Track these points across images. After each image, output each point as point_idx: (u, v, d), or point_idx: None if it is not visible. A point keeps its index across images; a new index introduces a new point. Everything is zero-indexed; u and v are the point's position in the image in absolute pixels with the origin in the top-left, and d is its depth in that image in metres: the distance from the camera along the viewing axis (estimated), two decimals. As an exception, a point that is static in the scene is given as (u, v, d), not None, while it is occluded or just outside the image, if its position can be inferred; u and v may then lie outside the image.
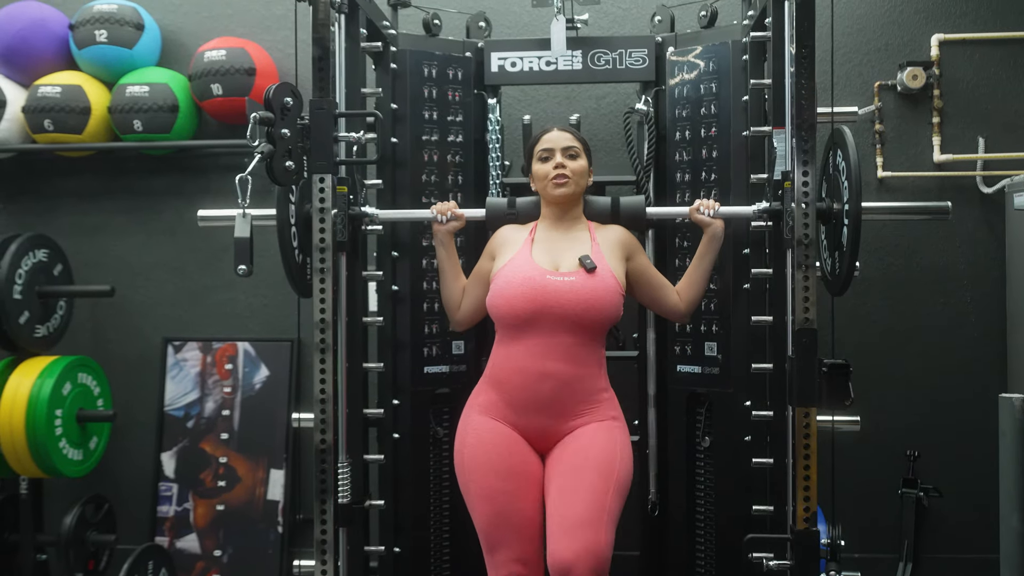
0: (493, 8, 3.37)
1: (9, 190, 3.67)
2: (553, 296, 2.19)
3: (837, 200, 2.29)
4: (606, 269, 2.27)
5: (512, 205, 2.53)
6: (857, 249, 2.17)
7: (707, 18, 2.89)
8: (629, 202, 2.54)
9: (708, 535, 2.82)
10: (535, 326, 2.20)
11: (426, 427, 2.84)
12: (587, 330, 2.22)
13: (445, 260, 2.48)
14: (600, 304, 2.21)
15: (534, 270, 2.25)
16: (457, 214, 2.46)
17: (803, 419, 2.13)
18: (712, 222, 2.41)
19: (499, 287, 2.26)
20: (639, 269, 2.41)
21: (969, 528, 3.31)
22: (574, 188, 2.36)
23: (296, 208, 2.36)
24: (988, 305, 3.34)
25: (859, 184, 2.15)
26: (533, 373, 2.21)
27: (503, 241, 2.42)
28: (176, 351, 3.59)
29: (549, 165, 2.35)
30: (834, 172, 2.32)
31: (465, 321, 2.49)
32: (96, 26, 3.35)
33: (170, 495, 3.51)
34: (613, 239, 2.39)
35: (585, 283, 2.22)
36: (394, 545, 2.78)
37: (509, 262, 2.30)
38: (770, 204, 2.40)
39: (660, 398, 2.85)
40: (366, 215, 2.49)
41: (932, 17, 3.38)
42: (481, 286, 2.40)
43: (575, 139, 2.39)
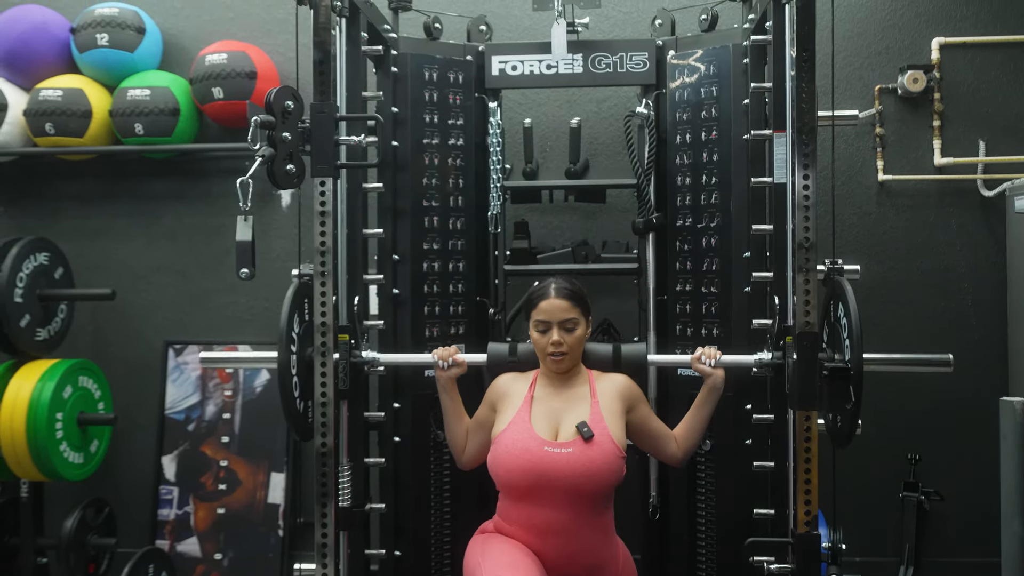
0: (494, 12, 3.38)
1: (10, 193, 3.68)
2: (551, 468, 2.18)
3: (838, 351, 2.23)
4: (604, 434, 2.23)
5: (513, 352, 2.48)
6: (860, 404, 2.10)
7: (708, 22, 2.90)
8: (630, 351, 2.49)
9: (709, 538, 2.81)
10: (534, 495, 2.20)
11: (427, 430, 2.84)
12: (587, 499, 2.20)
13: (448, 404, 2.45)
14: (599, 474, 2.19)
15: (532, 440, 2.22)
16: (459, 360, 2.44)
17: (804, 423, 2.12)
18: (713, 372, 2.38)
19: (498, 455, 2.25)
20: (640, 420, 2.38)
21: (970, 531, 3.31)
22: (572, 362, 2.35)
23: (297, 356, 2.30)
24: (989, 308, 3.34)
25: (860, 339, 2.09)
26: (538, 545, 2.21)
27: (504, 393, 2.39)
28: (177, 354, 3.59)
29: (546, 339, 2.31)
30: (835, 322, 2.27)
31: (471, 463, 2.48)
32: (97, 30, 3.36)
33: (171, 498, 3.51)
34: (614, 391, 2.35)
35: (583, 454, 2.19)
36: (395, 548, 2.78)
37: (509, 427, 2.28)
38: (772, 356, 2.37)
39: (661, 401, 2.85)
40: (367, 362, 2.45)
41: (932, 20, 3.38)
42: (482, 433, 2.40)
43: (572, 307, 2.33)
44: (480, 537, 2.33)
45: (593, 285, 2.72)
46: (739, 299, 2.70)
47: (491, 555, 2.20)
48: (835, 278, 2.27)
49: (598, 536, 2.25)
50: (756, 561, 2.30)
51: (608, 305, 3.25)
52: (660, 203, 2.89)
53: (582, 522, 2.21)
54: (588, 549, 2.23)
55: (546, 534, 2.20)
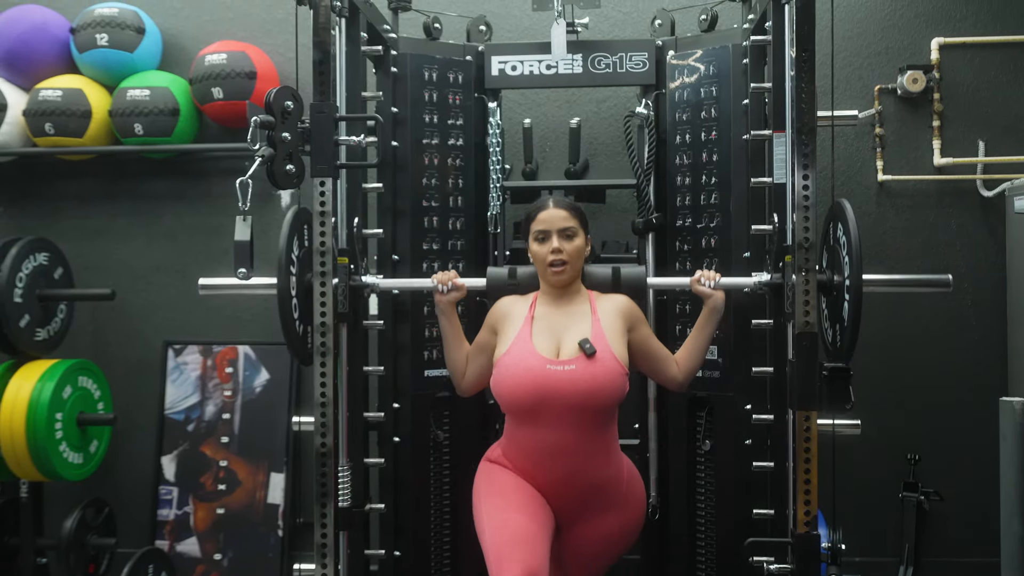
0: (494, 12, 3.38)
1: (10, 193, 3.68)
2: (554, 386, 2.18)
3: (838, 272, 2.25)
4: (607, 351, 2.23)
5: (513, 275, 2.49)
6: (859, 323, 2.13)
7: (707, 22, 2.90)
8: (630, 273, 2.50)
9: (709, 539, 2.81)
10: (538, 415, 2.20)
11: (426, 431, 2.84)
12: (592, 416, 2.21)
13: (447, 329, 2.45)
14: (602, 390, 2.20)
15: (534, 358, 2.23)
16: (458, 284, 2.44)
17: (804, 423, 2.13)
18: (713, 294, 2.38)
19: (501, 376, 2.26)
20: (640, 340, 2.38)
21: (970, 532, 3.31)
22: (572, 273, 2.34)
23: (297, 279, 2.32)
24: (988, 308, 3.34)
25: (859, 259, 2.12)
26: (544, 466, 2.23)
27: (504, 315, 2.39)
28: (176, 354, 3.59)
29: (546, 248, 2.32)
30: (835, 244, 2.29)
31: (471, 388, 2.48)
32: (97, 30, 3.36)
33: (170, 499, 3.51)
34: (615, 310, 2.35)
35: (586, 370, 2.19)
36: (394, 549, 2.78)
37: (510, 348, 2.28)
38: (771, 277, 2.38)
39: (660, 402, 2.85)
40: (367, 285, 2.46)
41: (932, 21, 3.38)
42: (483, 356, 2.40)
43: (571, 216, 2.35)
44: (485, 468, 2.34)
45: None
46: (739, 299, 2.70)
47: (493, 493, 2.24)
48: (837, 199, 2.30)
49: (601, 455, 2.25)
50: (756, 561, 2.30)
51: (608, 305, 3.25)
52: (660, 203, 2.89)
53: (585, 440, 2.21)
54: (592, 466, 2.23)
55: (550, 454, 2.21)
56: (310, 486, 2.42)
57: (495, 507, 2.20)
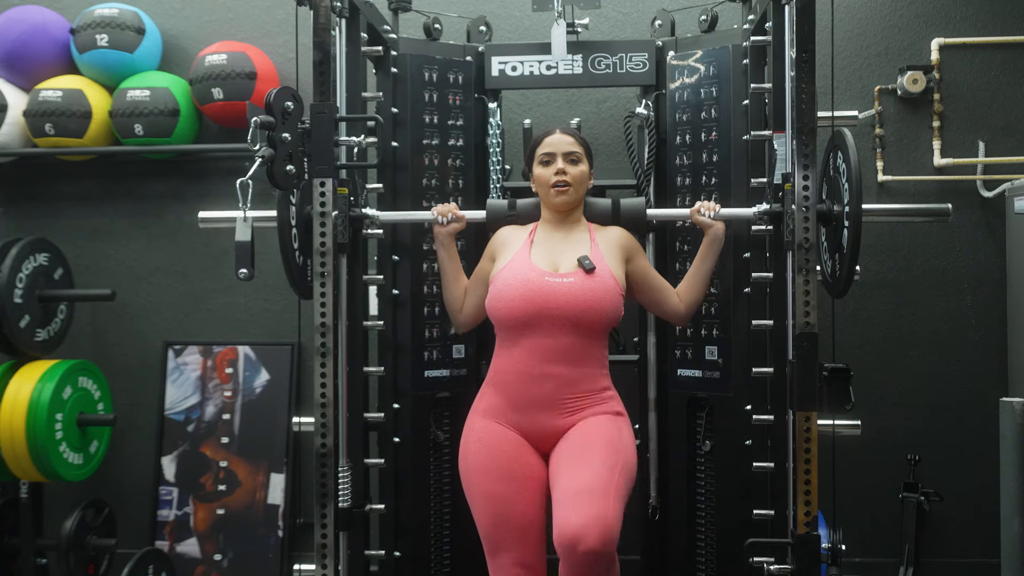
0: (494, 12, 3.38)
1: (10, 194, 3.68)
2: (551, 297, 2.19)
3: (837, 202, 2.29)
4: (605, 269, 2.27)
5: (512, 207, 2.53)
6: (858, 251, 2.16)
7: (707, 22, 2.90)
8: (630, 204, 2.54)
9: (709, 539, 2.81)
10: (534, 328, 2.20)
11: (426, 431, 2.84)
12: (587, 330, 2.22)
13: (446, 262, 2.48)
14: (599, 304, 2.21)
15: (532, 271, 2.25)
16: (458, 215, 2.46)
17: (804, 423, 2.13)
18: (713, 224, 2.41)
19: (497, 289, 2.27)
20: (639, 271, 2.41)
21: (970, 532, 3.31)
22: (575, 195, 2.36)
23: (297, 210, 2.36)
24: (988, 309, 3.34)
25: (859, 186, 2.15)
26: (534, 374, 2.21)
27: (503, 242, 2.42)
28: (177, 355, 3.59)
29: (550, 170, 2.34)
30: (834, 174, 2.31)
31: (468, 323, 2.50)
32: (97, 30, 3.36)
33: (170, 499, 3.51)
34: (613, 240, 2.39)
35: (584, 283, 2.22)
36: (395, 549, 2.78)
37: (508, 264, 2.31)
38: (770, 206, 2.41)
39: (660, 402, 2.85)
40: (367, 216, 2.50)
41: (932, 21, 3.38)
42: (483, 287, 2.41)
43: (577, 143, 2.39)
44: (475, 426, 2.30)
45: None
46: (739, 300, 2.70)
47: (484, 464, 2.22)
48: (836, 128, 2.32)
49: (594, 368, 2.26)
50: (756, 562, 2.30)
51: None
52: (660, 203, 2.89)
53: (579, 352, 2.21)
54: (583, 377, 2.23)
55: (544, 361, 2.20)
56: (310, 487, 2.42)
57: (485, 487, 2.18)
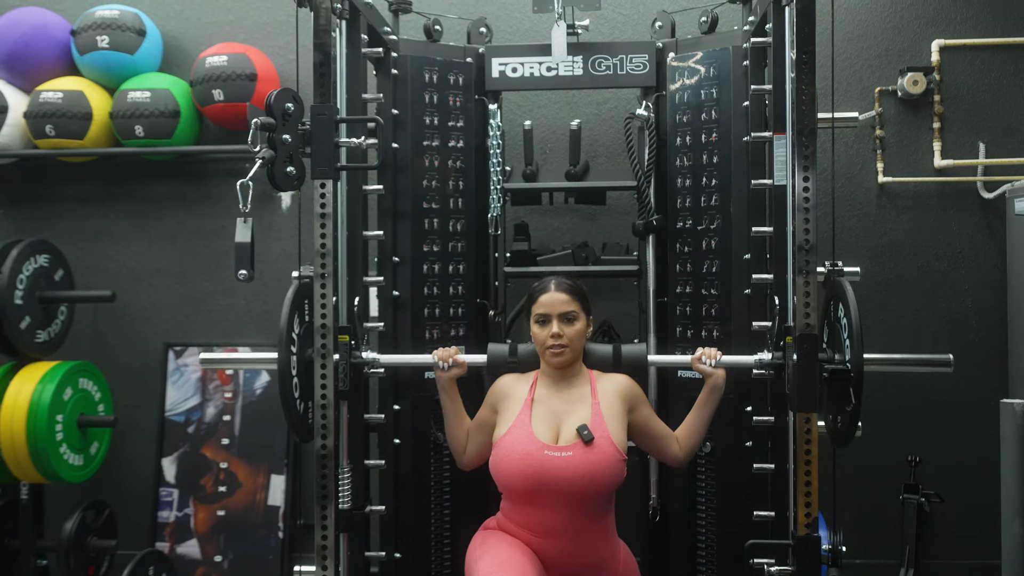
0: (494, 14, 3.38)
1: (11, 195, 3.68)
2: (551, 473, 2.18)
3: (839, 351, 2.23)
4: (605, 437, 2.23)
5: (514, 353, 2.48)
6: (860, 405, 2.10)
7: (708, 24, 2.90)
8: (630, 351, 2.48)
9: (709, 541, 2.81)
10: (536, 500, 2.20)
11: (427, 432, 2.84)
12: (589, 501, 2.21)
13: (448, 405, 2.45)
14: (599, 478, 2.19)
15: (532, 444, 2.22)
16: (459, 361, 2.43)
17: (804, 425, 2.12)
18: (713, 372, 2.37)
19: (499, 459, 2.25)
20: (641, 421, 2.38)
21: (971, 533, 3.30)
22: (571, 356, 2.34)
23: (297, 357, 2.31)
24: (989, 310, 3.34)
25: (860, 340, 2.10)
26: (540, 546, 2.22)
27: (504, 395, 2.38)
28: (177, 356, 3.59)
29: (546, 332, 2.31)
30: (835, 323, 2.27)
31: (472, 464, 2.47)
32: (98, 32, 3.36)
33: (171, 500, 3.51)
34: (615, 392, 2.35)
35: (583, 458, 2.19)
36: (395, 550, 2.78)
37: (509, 431, 2.27)
38: (772, 356, 2.36)
39: (661, 403, 2.85)
40: (366, 362, 2.45)
41: (932, 23, 3.38)
42: (484, 434, 2.39)
43: (572, 300, 2.34)
44: (482, 534, 2.33)
45: (593, 287, 2.71)
46: (739, 301, 2.70)
47: (489, 552, 2.20)
48: (835, 279, 2.28)
49: (598, 537, 2.25)
50: (757, 563, 2.30)
51: (608, 307, 3.25)
52: (660, 205, 2.89)
53: (582, 524, 2.21)
54: (588, 549, 2.23)
55: (546, 535, 2.21)
56: (310, 488, 2.42)
57: (494, 561, 2.17)
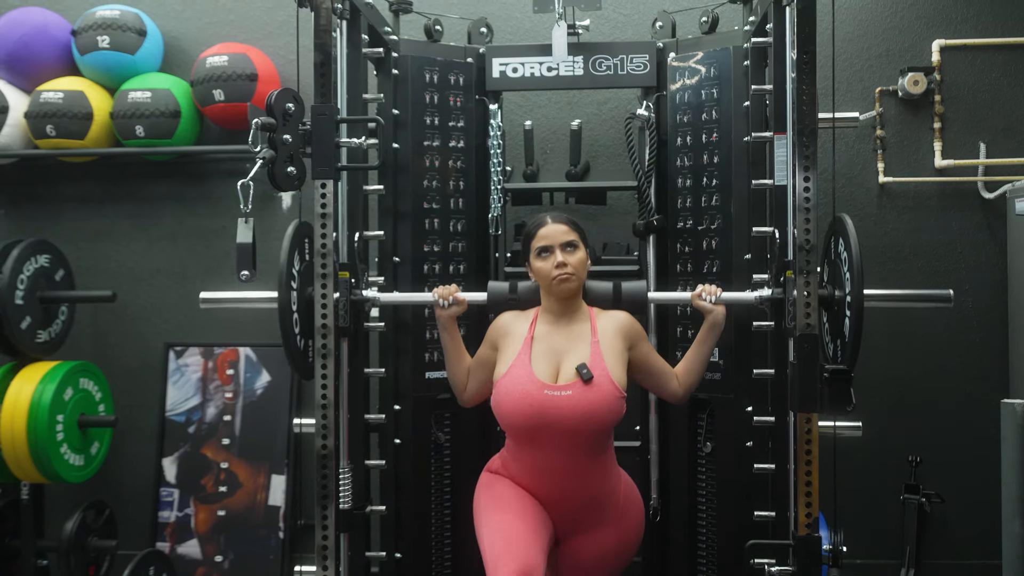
0: (494, 14, 3.38)
1: (11, 195, 3.68)
2: (551, 411, 2.19)
3: (839, 287, 2.25)
4: (604, 375, 2.24)
5: (514, 290, 2.48)
6: (859, 339, 2.13)
7: (708, 24, 2.90)
8: (631, 288, 2.48)
9: (710, 541, 2.81)
10: (537, 438, 2.22)
11: (427, 433, 2.84)
12: (589, 438, 2.22)
13: (448, 343, 2.46)
14: (598, 415, 2.20)
15: (531, 384, 2.23)
16: (459, 299, 2.44)
17: (804, 425, 2.12)
18: (713, 309, 2.38)
19: (499, 399, 2.27)
20: (641, 357, 2.39)
21: (971, 534, 3.30)
22: (577, 283, 2.34)
23: (298, 294, 2.33)
24: (990, 310, 3.34)
25: (861, 274, 2.12)
26: (543, 485, 2.25)
27: (504, 332, 2.39)
28: (178, 356, 3.59)
29: (550, 263, 2.31)
30: (836, 259, 2.29)
31: (472, 401, 2.49)
32: (98, 32, 3.36)
33: (171, 500, 3.51)
34: (615, 329, 2.35)
35: (583, 396, 2.20)
36: (395, 551, 2.78)
37: (510, 370, 2.28)
38: (772, 292, 2.37)
39: (662, 404, 2.85)
40: (367, 299, 2.47)
41: (933, 23, 3.38)
42: (484, 371, 2.40)
43: (571, 230, 2.35)
44: (486, 479, 2.36)
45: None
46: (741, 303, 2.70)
47: (492, 503, 2.25)
48: (837, 214, 2.30)
49: (598, 473, 2.28)
50: (757, 563, 2.30)
51: (609, 307, 3.25)
52: (660, 205, 2.89)
53: (583, 460, 2.24)
54: (588, 485, 2.26)
55: (547, 472, 2.24)
56: (311, 488, 2.42)
57: (493, 514, 2.22)
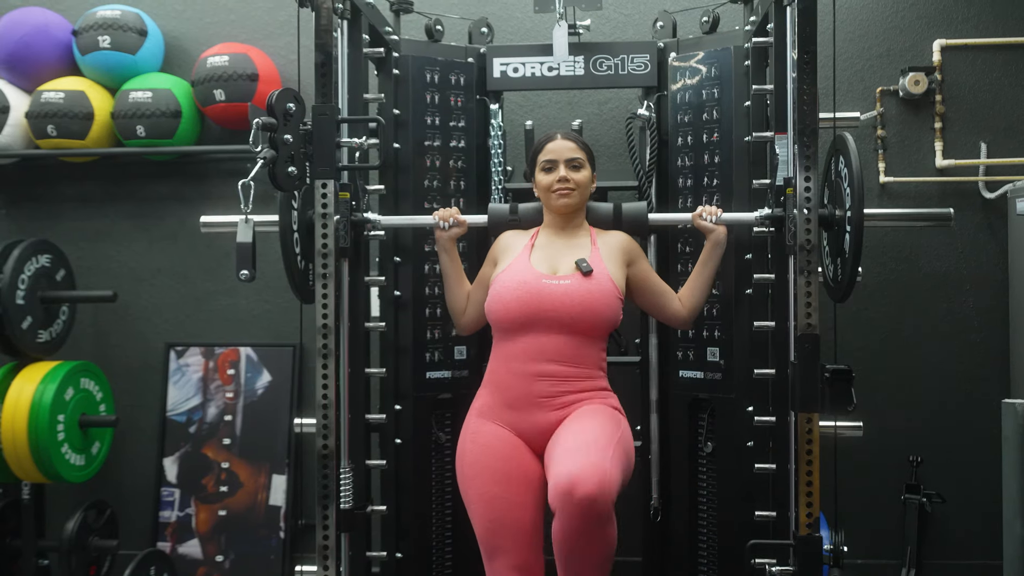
0: (495, 14, 3.38)
1: (12, 196, 3.68)
2: (548, 299, 2.20)
3: (839, 207, 2.29)
4: (603, 273, 2.27)
5: (514, 211, 2.54)
6: (859, 256, 2.17)
7: (709, 24, 2.90)
8: (631, 208, 2.54)
9: (710, 541, 2.81)
10: (530, 329, 2.21)
11: (428, 432, 2.84)
12: (583, 332, 2.22)
13: (448, 266, 2.48)
14: (595, 307, 2.21)
15: (529, 274, 2.26)
16: (459, 220, 2.47)
17: (805, 425, 2.12)
18: (715, 228, 2.41)
19: (496, 291, 2.28)
20: (640, 275, 2.41)
21: (972, 534, 3.30)
22: (578, 199, 2.36)
23: (299, 214, 2.37)
24: (991, 310, 3.33)
25: (861, 191, 2.15)
26: (529, 372, 2.22)
27: (505, 247, 2.43)
28: (178, 356, 3.59)
29: (552, 176, 2.34)
30: (836, 178, 2.32)
31: (470, 326, 2.51)
32: (99, 32, 3.36)
33: (172, 500, 3.51)
34: (614, 244, 2.40)
35: (581, 286, 2.22)
36: (396, 550, 2.78)
37: (507, 267, 2.32)
38: (772, 211, 2.41)
39: (662, 403, 2.85)
40: (368, 221, 2.50)
41: (934, 22, 3.38)
42: (484, 291, 2.42)
43: (579, 148, 2.38)
44: (471, 427, 2.30)
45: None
46: (740, 301, 2.70)
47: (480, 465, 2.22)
48: (837, 132, 2.33)
49: (591, 367, 2.26)
50: (758, 563, 2.30)
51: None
52: (662, 205, 2.89)
53: (575, 353, 2.22)
54: (580, 377, 2.23)
55: (540, 360, 2.20)
56: (312, 488, 2.43)
57: (482, 489, 2.19)
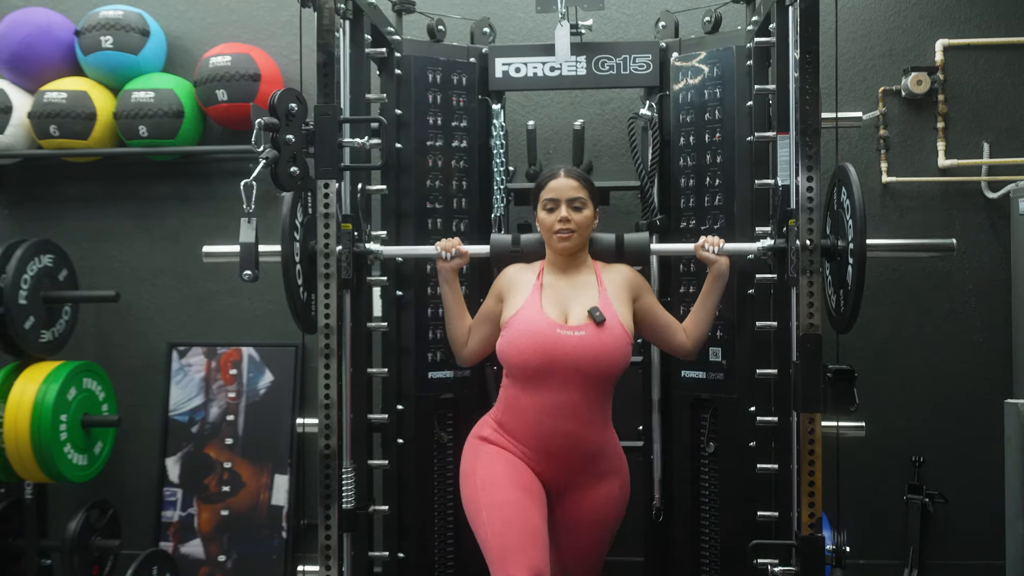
0: (497, 14, 3.38)
1: (15, 195, 3.69)
2: (564, 350, 2.20)
3: (842, 237, 2.26)
4: (614, 319, 2.26)
5: (516, 243, 2.51)
6: (862, 287, 2.14)
7: (711, 24, 2.89)
8: (633, 240, 2.51)
9: (712, 541, 2.81)
10: (545, 379, 2.21)
11: (430, 432, 2.84)
12: (598, 383, 2.23)
13: (450, 298, 2.46)
14: (610, 357, 2.22)
15: (545, 323, 2.24)
16: (461, 251, 2.45)
17: (808, 425, 2.12)
18: (717, 259, 2.39)
19: (511, 337, 2.26)
20: (646, 308, 2.40)
21: (975, 534, 3.30)
22: (578, 241, 2.35)
23: (301, 246, 2.34)
24: (993, 310, 3.33)
25: (863, 223, 2.13)
26: (544, 431, 2.23)
27: (510, 283, 2.40)
28: (181, 356, 3.60)
29: (554, 217, 2.33)
30: (838, 209, 2.30)
31: (472, 358, 2.50)
32: (102, 32, 3.36)
33: (174, 500, 3.51)
34: (620, 282, 2.38)
35: (595, 336, 2.21)
36: (398, 550, 2.78)
37: (520, 311, 2.28)
38: (774, 242, 2.38)
39: (664, 403, 2.85)
40: (371, 252, 2.48)
41: (937, 22, 3.38)
42: (488, 325, 2.41)
43: (581, 187, 2.35)
44: (474, 447, 2.33)
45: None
46: (743, 302, 2.70)
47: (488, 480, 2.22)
48: (840, 164, 2.31)
49: (599, 422, 2.29)
50: (760, 563, 2.30)
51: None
52: (663, 205, 2.89)
53: (588, 405, 2.23)
54: (591, 430, 2.25)
55: (553, 415, 2.22)
56: (314, 488, 2.43)
57: (493, 496, 2.19)
